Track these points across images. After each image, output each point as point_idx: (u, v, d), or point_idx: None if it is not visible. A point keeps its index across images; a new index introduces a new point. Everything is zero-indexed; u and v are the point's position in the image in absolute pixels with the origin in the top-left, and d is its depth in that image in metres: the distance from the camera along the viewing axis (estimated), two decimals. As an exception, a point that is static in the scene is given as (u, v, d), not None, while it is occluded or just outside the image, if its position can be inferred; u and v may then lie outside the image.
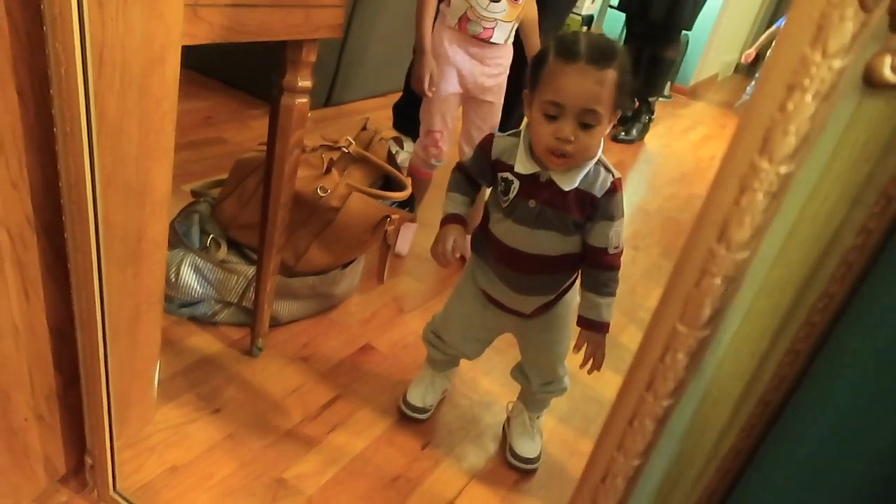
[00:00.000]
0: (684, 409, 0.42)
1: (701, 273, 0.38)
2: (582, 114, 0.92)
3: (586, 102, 0.91)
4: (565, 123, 0.92)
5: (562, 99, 0.91)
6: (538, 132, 0.96)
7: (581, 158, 0.96)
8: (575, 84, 0.91)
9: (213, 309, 1.37)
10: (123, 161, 0.81)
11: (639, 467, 0.45)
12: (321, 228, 1.35)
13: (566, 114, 0.92)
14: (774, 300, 0.39)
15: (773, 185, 0.35)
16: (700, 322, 0.39)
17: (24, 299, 0.79)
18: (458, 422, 1.33)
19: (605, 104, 0.92)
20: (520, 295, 1.10)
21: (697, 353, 0.40)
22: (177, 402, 1.18)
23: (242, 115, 2.51)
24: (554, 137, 0.93)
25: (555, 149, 0.94)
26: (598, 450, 0.46)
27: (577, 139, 0.93)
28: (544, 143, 0.95)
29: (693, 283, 0.39)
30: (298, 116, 1.10)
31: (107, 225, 0.81)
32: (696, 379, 0.41)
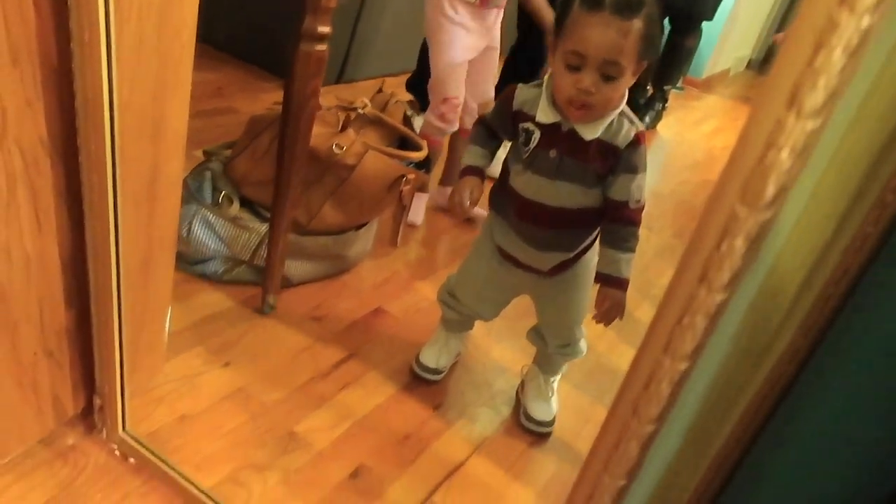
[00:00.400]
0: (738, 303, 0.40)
1: (767, 146, 0.36)
2: (604, 65, 0.89)
3: (609, 54, 0.88)
4: (586, 75, 0.90)
5: (583, 49, 0.89)
6: (559, 82, 0.94)
7: (602, 110, 0.94)
8: (598, 35, 0.88)
9: (225, 267, 1.35)
10: (140, 90, 0.79)
11: (686, 370, 0.42)
12: (335, 186, 1.32)
13: (588, 65, 0.90)
14: (844, 178, 0.36)
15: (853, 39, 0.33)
16: (763, 201, 0.37)
17: (35, 227, 0.77)
18: (471, 385, 1.31)
19: (629, 56, 0.90)
20: (538, 251, 1.08)
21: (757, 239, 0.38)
22: (186, 355, 1.16)
23: (253, 87, 2.49)
24: (575, 88, 0.91)
25: (575, 100, 0.92)
26: (642, 353, 0.44)
27: (598, 91, 0.91)
28: (565, 93, 0.93)
29: (757, 159, 0.36)
30: (317, 64, 1.07)
31: (122, 157, 0.78)
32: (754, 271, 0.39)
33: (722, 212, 0.38)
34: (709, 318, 0.40)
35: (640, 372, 0.43)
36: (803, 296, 0.40)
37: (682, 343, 0.42)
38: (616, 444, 0.48)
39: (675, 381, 0.42)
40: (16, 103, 0.69)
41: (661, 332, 0.42)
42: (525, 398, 1.24)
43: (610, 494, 0.50)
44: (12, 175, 0.72)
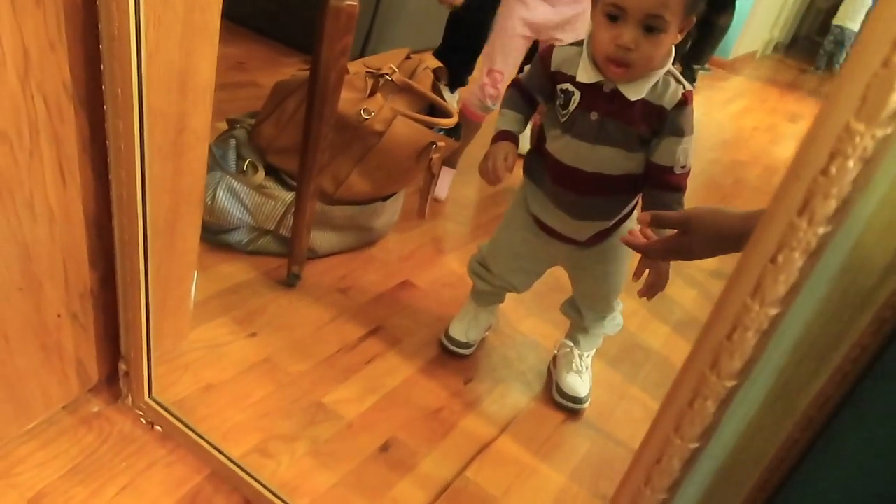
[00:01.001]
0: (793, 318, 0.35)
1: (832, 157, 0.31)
2: (646, 18, 0.84)
3: (652, 7, 0.83)
4: (626, 29, 0.85)
5: (624, 1, 0.84)
6: (598, 37, 0.88)
7: (643, 69, 0.89)
8: None
9: (249, 237, 1.32)
10: (167, 37, 0.75)
11: (733, 389, 0.38)
12: (363, 153, 1.28)
13: (628, 18, 0.84)
14: None
15: None
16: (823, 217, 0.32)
17: (59, 180, 0.73)
18: (502, 360, 1.27)
19: (674, 9, 0.84)
20: (575, 220, 1.03)
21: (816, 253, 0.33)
22: (211, 325, 1.13)
23: (274, 62, 2.46)
24: (614, 44, 0.86)
25: (615, 56, 0.87)
26: (686, 370, 0.40)
27: (638, 47, 0.85)
28: (604, 49, 0.88)
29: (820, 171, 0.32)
30: (347, 20, 1.03)
31: (147, 108, 0.75)
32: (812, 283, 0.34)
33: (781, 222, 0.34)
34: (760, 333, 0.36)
35: (685, 388, 0.39)
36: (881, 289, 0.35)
37: (729, 361, 0.38)
38: (658, 459, 0.44)
39: (720, 399, 0.38)
40: (38, 45, 0.65)
41: (709, 348, 0.37)
42: (558, 373, 1.20)
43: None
44: (34, 122, 0.68)
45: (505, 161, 0.99)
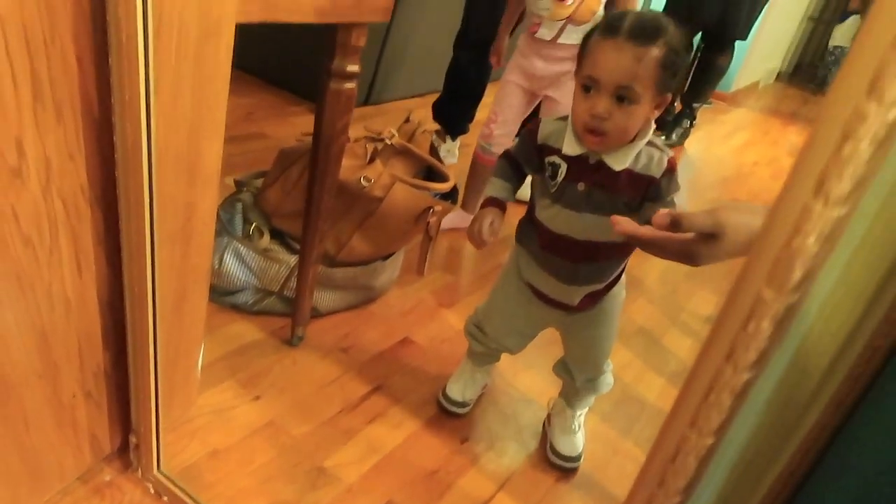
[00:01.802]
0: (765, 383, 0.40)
1: (793, 231, 0.36)
2: (617, 90, 0.89)
3: (621, 78, 0.89)
4: (600, 99, 0.90)
5: (597, 73, 0.90)
6: (576, 108, 0.94)
7: (618, 138, 0.93)
8: (612, 58, 0.89)
9: (255, 298, 1.37)
10: (177, 133, 0.81)
11: (712, 446, 0.43)
12: (364, 218, 1.34)
13: (601, 89, 0.90)
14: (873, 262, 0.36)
15: (880, 132, 0.33)
16: (789, 286, 0.37)
17: (76, 271, 0.79)
18: (498, 417, 1.31)
19: (644, 82, 0.89)
20: (566, 285, 1.08)
21: (784, 321, 0.38)
22: (218, 388, 1.18)
23: (283, 111, 2.54)
24: (589, 114, 0.91)
25: (590, 125, 0.92)
26: (669, 427, 0.44)
27: (611, 116, 0.90)
28: (581, 119, 0.93)
29: (783, 244, 0.36)
30: (346, 101, 1.09)
31: (158, 199, 0.81)
32: (780, 350, 0.39)
33: (749, 294, 0.38)
34: (735, 396, 0.41)
35: (667, 445, 0.43)
36: (833, 374, 0.40)
37: (707, 420, 0.42)
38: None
39: (701, 456, 0.42)
40: (59, 157, 0.71)
41: (688, 408, 0.42)
42: (551, 432, 1.24)
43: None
44: (54, 222, 0.74)
45: (490, 226, 1.04)
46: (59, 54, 0.67)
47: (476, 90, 2.31)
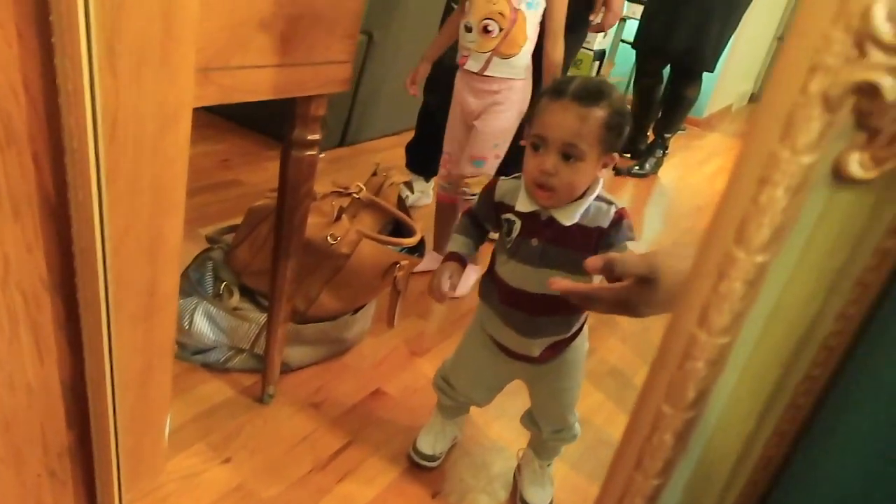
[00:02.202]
0: (674, 488, 0.43)
1: (684, 357, 0.39)
2: (564, 147, 0.94)
3: (567, 136, 0.93)
4: (548, 156, 0.95)
5: (545, 132, 0.94)
6: (526, 166, 0.99)
7: (566, 193, 0.97)
8: (558, 118, 0.94)
9: (226, 356, 1.38)
10: (136, 220, 0.84)
11: None
12: (332, 275, 1.36)
13: (549, 146, 0.95)
14: (758, 384, 0.39)
15: (750, 274, 0.36)
16: (685, 404, 0.40)
17: (37, 359, 0.81)
18: (469, 469, 1.32)
19: (588, 140, 0.94)
20: (526, 338, 1.10)
21: (684, 434, 0.41)
22: (188, 452, 1.19)
23: (259, 156, 2.57)
24: (538, 170, 0.96)
25: (539, 181, 0.96)
26: None
27: (558, 173, 0.95)
28: (531, 175, 0.97)
29: (676, 367, 0.39)
30: (308, 169, 1.12)
31: (120, 282, 0.83)
32: (685, 459, 0.42)
33: (650, 409, 0.41)
34: (646, 499, 0.43)
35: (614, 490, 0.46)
36: (734, 482, 0.42)
37: None
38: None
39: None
40: (17, 252, 0.73)
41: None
42: (521, 483, 1.26)
43: None
44: (14, 314, 0.76)
45: (449, 280, 1.07)
46: (16, 156, 0.69)
47: (447, 132, 2.35)
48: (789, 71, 0.33)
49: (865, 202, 0.34)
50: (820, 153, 0.33)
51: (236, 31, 0.90)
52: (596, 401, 1.60)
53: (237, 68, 0.92)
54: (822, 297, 0.36)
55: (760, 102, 0.35)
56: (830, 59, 0.32)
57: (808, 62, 0.32)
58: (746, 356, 0.39)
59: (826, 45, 0.32)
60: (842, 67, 0.32)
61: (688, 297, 0.38)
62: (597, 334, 1.80)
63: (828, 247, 0.35)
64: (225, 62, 0.91)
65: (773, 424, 0.40)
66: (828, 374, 0.38)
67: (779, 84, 0.34)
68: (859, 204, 0.34)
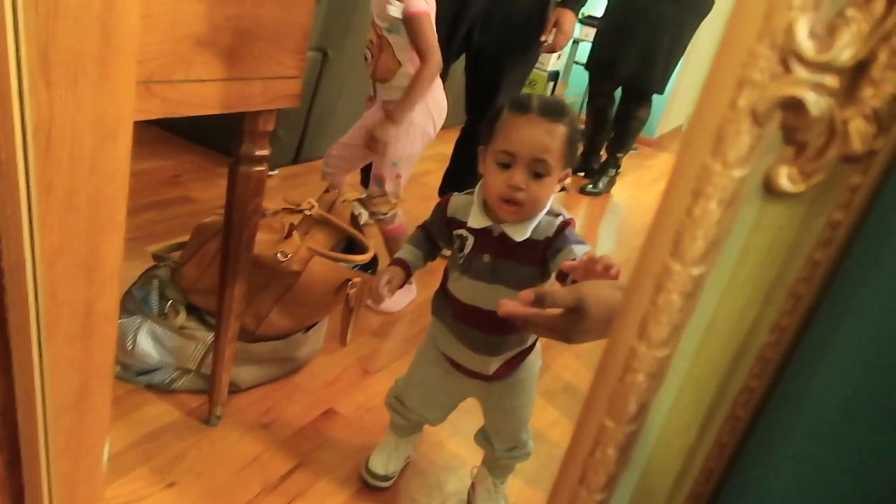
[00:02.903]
0: (617, 502, 0.42)
1: (624, 369, 0.39)
2: (532, 163, 0.94)
3: (536, 151, 0.93)
4: (517, 171, 0.94)
5: (513, 148, 0.94)
6: (491, 182, 0.97)
7: (532, 208, 0.97)
8: (526, 133, 0.93)
9: (171, 376, 1.34)
10: (72, 236, 0.80)
11: None
12: (282, 293, 1.34)
13: (518, 162, 0.94)
14: (698, 395, 0.39)
15: (687, 286, 0.36)
16: (627, 417, 0.39)
17: (-37, 381, 0.77)
18: (423, 488, 1.30)
19: (555, 156, 0.94)
20: (478, 354, 1.09)
21: (626, 447, 0.41)
22: (129, 477, 1.14)
23: (209, 172, 2.52)
24: (506, 185, 0.95)
25: (506, 195, 0.95)
26: None
27: (528, 188, 0.95)
28: (497, 191, 0.96)
29: (618, 380, 0.39)
30: (256, 185, 1.10)
31: (53, 300, 0.79)
32: (627, 473, 0.41)
33: (593, 423, 0.41)
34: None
35: None
36: (676, 494, 0.42)
37: None
38: None
39: None
40: (-60, 269, 0.70)
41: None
42: (475, 501, 1.24)
43: None
44: (-63, 335, 0.72)
45: (388, 283, 1.06)
46: (-61, 168, 0.66)
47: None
48: (718, 86, 0.34)
49: (796, 214, 0.35)
50: (750, 167, 0.34)
51: (179, 44, 0.88)
52: (551, 417, 1.60)
53: (181, 81, 0.90)
54: (757, 309, 0.37)
55: (692, 118, 0.35)
56: (757, 75, 0.32)
57: (735, 77, 0.33)
58: (686, 368, 0.39)
59: (752, 61, 0.32)
60: (768, 83, 0.32)
61: (627, 311, 0.38)
62: (551, 351, 1.80)
63: (761, 258, 0.36)
64: (168, 75, 0.89)
65: (714, 436, 0.40)
66: (764, 385, 0.38)
67: (709, 99, 0.34)
68: (790, 216, 0.35)
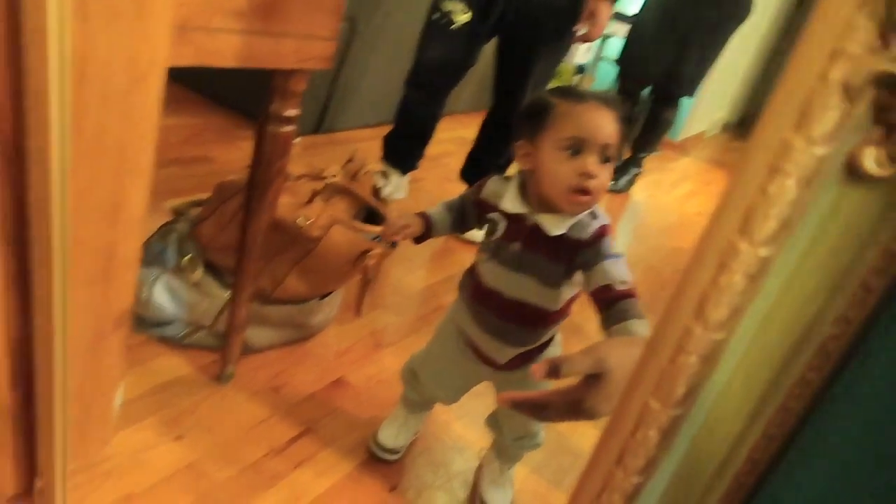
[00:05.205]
0: (654, 487, 0.41)
1: (676, 350, 0.37)
2: (603, 148, 0.90)
3: (606, 136, 0.90)
4: (589, 157, 0.89)
5: (584, 132, 0.89)
6: (557, 172, 0.91)
7: (598, 196, 0.92)
8: (596, 118, 0.90)
9: (185, 331, 1.34)
10: (99, 178, 0.79)
11: None
12: (300, 257, 1.33)
13: (589, 147, 0.89)
14: (750, 383, 0.38)
15: (752, 267, 0.34)
16: (674, 400, 0.38)
17: (-17, 314, 0.76)
18: (429, 465, 1.30)
19: (617, 143, 0.91)
20: (493, 339, 1.06)
21: (670, 431, 0.39)
22: (139, 426, 1.15)
23: (231, 135, 2.51)
24: (577, 173, 0.89)
25: (578, 185, 0.90)
26: None
27: (599, 173, 0.90)
28: (566, 181, 0.90)
29: (668, 360, 0.38)
30: (283, 145, 1.09)
31: (76, 241, 0.79)
32: (668, 457, 0.40)
33: (637, 402, 0.39)
34: (625, 497, 0.41)
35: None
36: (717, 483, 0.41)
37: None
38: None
39: None
40: (-31, 197, 0.69)
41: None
42: (481, 483, 1.24)
43: None
44: (-38, 265, 0.71)
45: (405, 226, 1.05)
46: (-25, 96, 0.65)
47: (425, 129, 2.32)
48: (809, 56, 0.32)
49: (877, 201, 0.33)
50: (835, 145, 0.32)
51: (222, -10, 0.86)
52: (557, 405, 1.58)
53: (217, 30, 0.89)
54: (823, 298, 0.35)
55: (776, 89, 0.33)
56: (853, 47, 0.31)
57: (829, 48, 0.31)
58: (740, 353, 0.37)
59: (849, 32, 0.30)
60: (864, 56, 0.31)
61: (685, 288, 0.36)
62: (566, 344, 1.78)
63: (834, 244, 0.34)
64: (204, 22, 0.87)
65: (762, 427, 0.39)
66: (823, 378, 0.36)
67: (797, 69, 0.32)
68: (870, 202, 0.33)
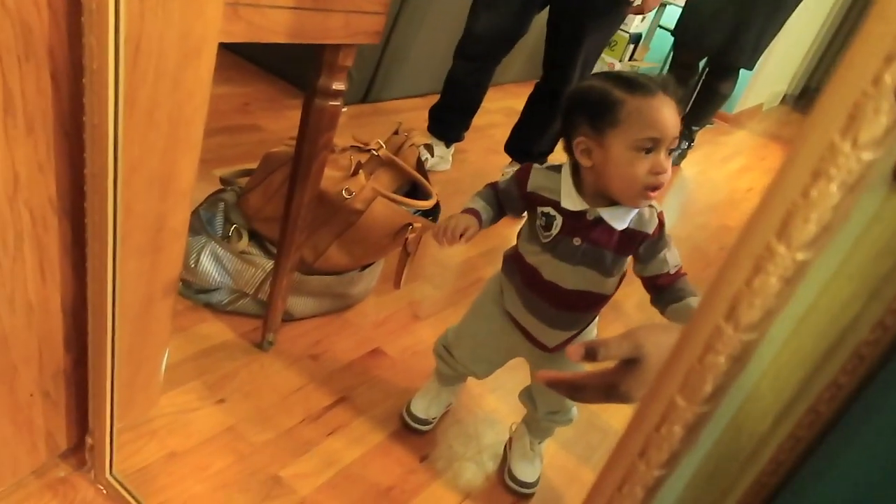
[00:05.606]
0: (676, 481, 0.41)
1: (705, 349, 0.37)
2: (671, 142, 0.90)
3: (676, 130, 0.90)
4: (662, 155, 0.90)
5: (660, 132, 0.89)
6: (633, 173, 0.90)
7: (664, 190, 0.94)
8: (667, 114, 0.89)
9: (229, 298, 1.38)
10: (150, 151, 0.82)
11: None
12: (343, 229, 1.35)
13: (661, 145, 0.90)
14: (780, 385, 0.37)
15: (788, 271, 0.34)
16: (700, 398, 0.38)
17: (39, 279, 0.80)
18: (460, 437, 1.32)
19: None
20: (547, 327, 1.07)
21: (695, 428, 0.39)
22: (183, 389, 1.19)
23: (280, 104, 2.53)
24: (653, 173, 0.90)
25: (654, 183, 0.90)
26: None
27: (667, 170, 0.91)
28: (642, 181, 0.90)
29: (696, 359, 0.38)
30: (329, 119, 1.10)
31: (128, 213, 0.81)
32: (691, 453, 0.40)
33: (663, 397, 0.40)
34: (646, 489, 0.42)
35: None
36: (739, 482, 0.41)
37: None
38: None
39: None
40: (28, 168, 0.72)
41: (602, 498, 0.43)
42: (511, 457, 1.25)
43: None
44: (20, 232, 0.75)
45: (463, 233, 1.01)
46: (34, 71, 0.68)
47: (473, 100, 2.31)
48: (863, 58, 0.30)
49: (923, 208, 0.32)
50: (883, 151, 0.31)
51: (273, -34, 0.87)
52: (593, 384, 1.59)
53: (268, 7, 0.89)
54: (860, 303, 0.34)
55: (825, 91, 0.32)
56: (910, 51, 0.29)
57: (885, 50, 0.30)
58: (771, 355, 0.37)
59: (907, 35, 0.29)
60: (920, 61, 0.29)
61: (717, 288, 0.36)
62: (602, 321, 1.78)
63: (876, 251, 0.33)
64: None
65: (789, 429, 0.38)
66: (855, 383, 0.36)
67: (849, 71, 0.31)
68: (916, 209, 0.32)
